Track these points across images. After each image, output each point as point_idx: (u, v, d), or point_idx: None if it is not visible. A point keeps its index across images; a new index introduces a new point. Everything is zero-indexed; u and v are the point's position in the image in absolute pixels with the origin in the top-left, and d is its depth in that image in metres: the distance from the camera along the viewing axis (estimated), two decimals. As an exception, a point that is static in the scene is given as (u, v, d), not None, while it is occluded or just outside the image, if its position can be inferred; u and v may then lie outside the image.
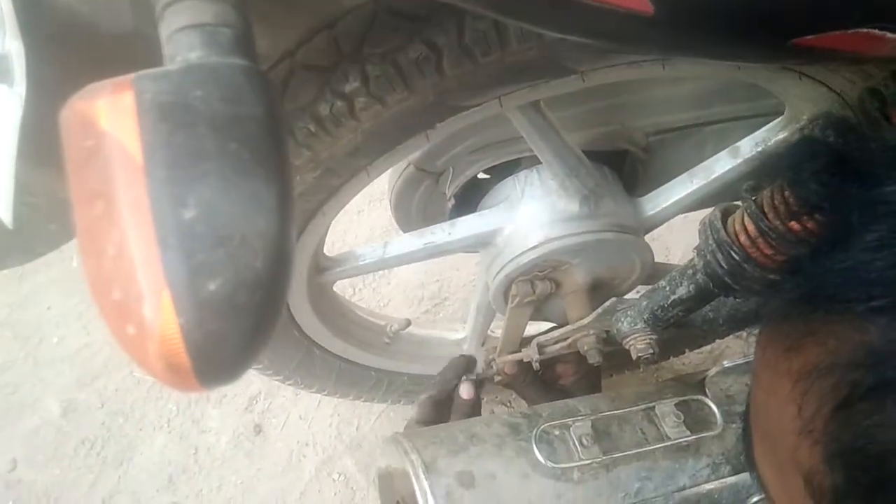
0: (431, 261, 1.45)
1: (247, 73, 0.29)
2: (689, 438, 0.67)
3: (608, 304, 0.74)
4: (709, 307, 0.73)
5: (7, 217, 0.41)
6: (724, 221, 0.60)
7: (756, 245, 0.57)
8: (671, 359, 1.18)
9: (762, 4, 0.33)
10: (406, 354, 1.06)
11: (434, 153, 0.81)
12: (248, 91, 0.28)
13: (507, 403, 1.24)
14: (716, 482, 0.70)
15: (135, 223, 0.26)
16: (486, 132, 0.79)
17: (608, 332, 0.79)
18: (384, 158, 0.61)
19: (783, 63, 0.52)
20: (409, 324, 1.04)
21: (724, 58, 0.42)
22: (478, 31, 0.49)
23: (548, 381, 0.86)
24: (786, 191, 0.54)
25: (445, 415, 0.77)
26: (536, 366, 0.82)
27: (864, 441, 0.27)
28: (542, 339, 0.81)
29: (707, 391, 0.71)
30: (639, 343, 0.72)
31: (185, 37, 0.29)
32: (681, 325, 0.75)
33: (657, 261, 0.86)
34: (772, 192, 0.55)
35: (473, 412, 0.79)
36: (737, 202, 0.62)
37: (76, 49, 0.35)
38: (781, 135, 0.72)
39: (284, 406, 1.27)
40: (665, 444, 0.67)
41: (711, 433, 0.68)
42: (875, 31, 0.32)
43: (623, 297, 0.75)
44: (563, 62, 0.52)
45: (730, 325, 0.75)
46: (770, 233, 0.55)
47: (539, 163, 0.80)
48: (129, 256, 0.26)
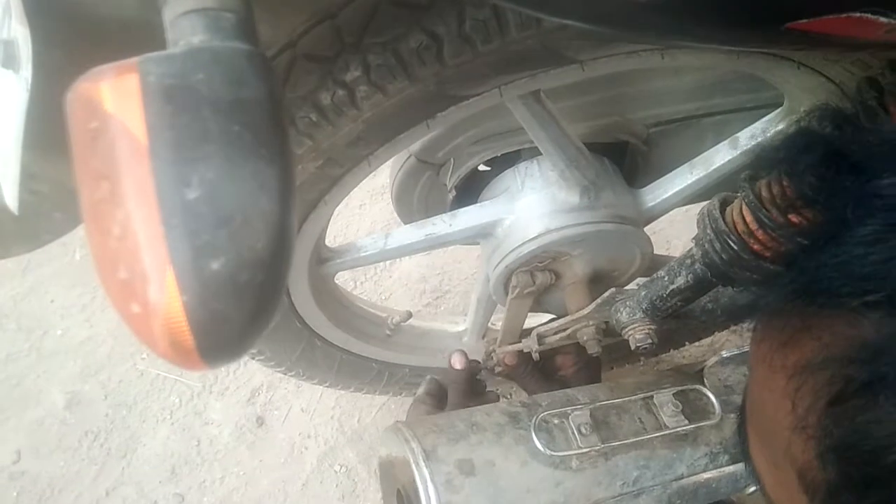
0: (433, 254, 1.47)
1: (249, 57, 0.29)
2: (688, 428, 0.68)
3: (607, 295, 0.75)
4: (707, 298, 0.74)
5: (13, 203, 0.41)
6: (723, 211, 0.61)
7: (753, 235, 0.58)
8: (671, 352, 1.18)
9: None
10: (407, 346, 1.07)
11: (435, 145, 0.81)
12: (250, 75, 0.29)
13: (508, 396, 1.25)
14: (714, 471, 0.70)
15: (139, 203, 0.27)
16: (487, 123, 0.79)
17: (607, 323, 0.79)
18: (385, 148, 0.61)
19: (779, 48, 0.53)
20: (411, 316, 1.04)
21: (719, 42, 0.42)
22: (478, 20, 0.49)
23: (548, 373, 0.87)
24: (784, 181, 0.54)
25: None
26: (536, 356, 0.82)
27: (858, 437, 0.27)
28: (542, 330, 0.82)
29: (705, 381, 0.72)
30: (637, 333, 0.72)
31: (188, 21, 0.29)
32: (679, 316, 0.76)
33: (657, 253, 0.87)
34: (769, 182, 0.55)
35: (469, 388, 0.80)
36: (735, 193, 0.63)
37: (81, 34, 0.36)
38: (780, 126, 0.73)
39: (286, 398, 1.28)
40: (663, 433, 0.68)
41: (709, 422, 0.69)
42: (868, 16, 0.32)
43: (622, 288, 0.75)
44: (563, 51, 0.52)
45: (728, 316, 0.76)
46: (767, 222, 0.56)
47: (539, 154, 0.81)
48: (134, 236, 0.27)
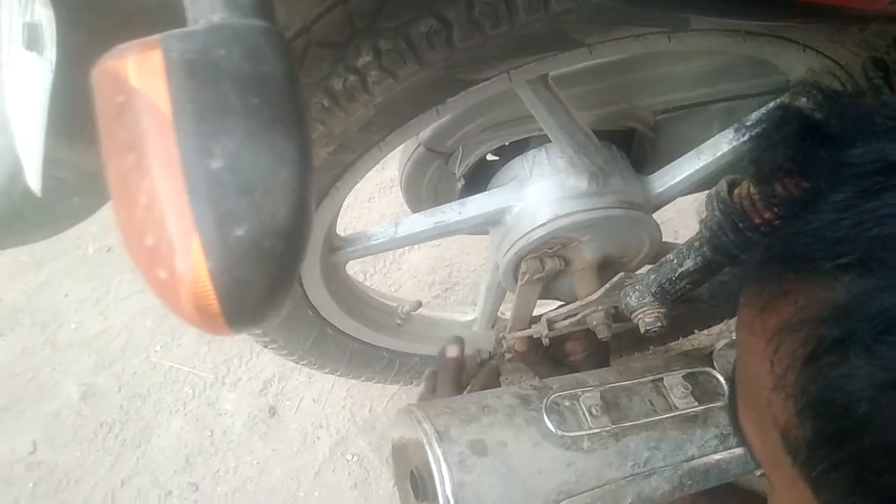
0: (442, 246, 1.47)
1: (266, 34, 0.30)
2: (698, 409, 0.69)
3: (616, 279, 0.76)
4: (716, 282, 0.74)
5: (36, 185, 0.43)
6: (730, 193, 0.61)
7: (761, 215, 0.58)
8: (680, 339, 1.19)
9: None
10: (417, 335, 1.07)
11: (444, 133, 0.82)
12: (268, 51, 0.30)
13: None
14: (724, 452, 0.71)
15: (165, 173, 0.28)
16: (495, 111, 0.80)
17: (617, 308, 0.80)
18: (396, 134, 0.62)
19: (788, 22, 0.53)
20: (420, 305, 1.05)
21: (730, 15, 0.42)
22: (487, 4, 0.50)
23: (558, 359, 0.87)
24: (751, 190, 0.55)
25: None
26: (546, 341, 0.83)
27: (831, 392, 0.28)
28: (552, 315, 0.83)
29: (715, 364, 0.72)
30: (647, 317, 0.73)
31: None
32: (688, 301, 0.76)
33: (665, 241, 0.87)
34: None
35: (458, 379, 0.81)
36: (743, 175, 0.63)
37: (104, 15, 0.37)
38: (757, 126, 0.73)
39: (298, 389, 1.29)
40: (673, 415, 0.68)
41: (719, 404, 0.69)
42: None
43: (631, 273, 0.76)
44: (571, 34, 0.53)
45: (736, 300, 0.76)
46: (775, 202, 0.56)
47: (547, 142, 0.82)
48: (160, 204, 0.28)
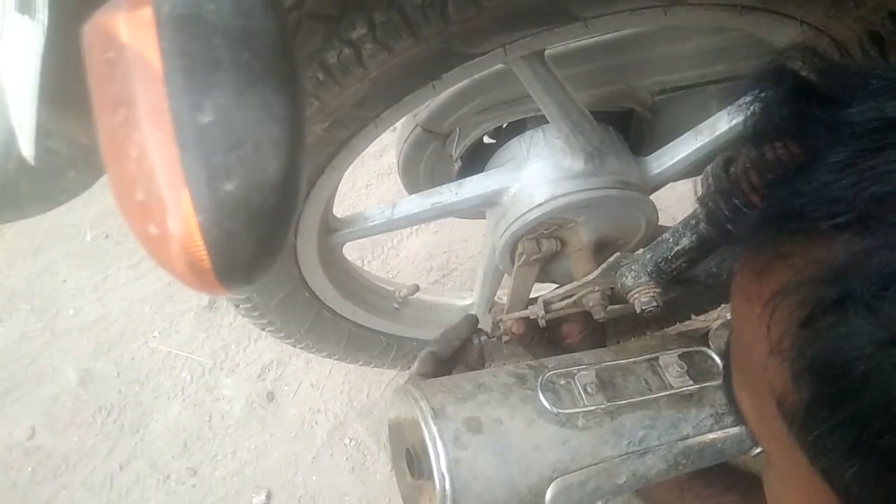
0: (439, 233, 1.47)
1: (258, -9, 0.30)
2: (692, 388, 0.69)
3: (612, 259, 0.76)
4: (712, 262, 0.74)
5: (29, 152, 0.42)
6: (726, 170, 0.61)
7: (757, 191, 0.58)
8: (677, 325, 1.19)
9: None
10: (415, 320, 1.08)
11: (441, 114, 0.82)
12: (259, 6, 0.30)
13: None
14: (719, 432, 0.71)
15: (155, 127, 0.28)
16: (492, 92, 0.80)
17: (613, 289, 0.80)
18: (392, 110, 0.62)
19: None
20: (418, 289, 1.05)
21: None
22: (482, -24, 0.50)
23: (554, 341, 0.87)
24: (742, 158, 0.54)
25: (445, 372, 0.78)
26: (543, 323, 0.83)
27: (830, 353, 0.27)
28: (549, 297, 0.83)
29: (710, 344, 0.73)
30: (643, 296, 0.73)
31: (199, -45, 0.30)
32: (684, 281, 0.76)
33: (662, 224, 0.87)
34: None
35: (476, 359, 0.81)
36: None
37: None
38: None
39: (296, 374, 1.30)
40: (668, 393, 0.68)
41: (714, 383, 0.69)
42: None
43: (627, 253, 0.76)
44: (566, 7, 0.53)
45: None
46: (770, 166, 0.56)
47: (544, 123, 0.82)
48: (150, 158, 0.28)
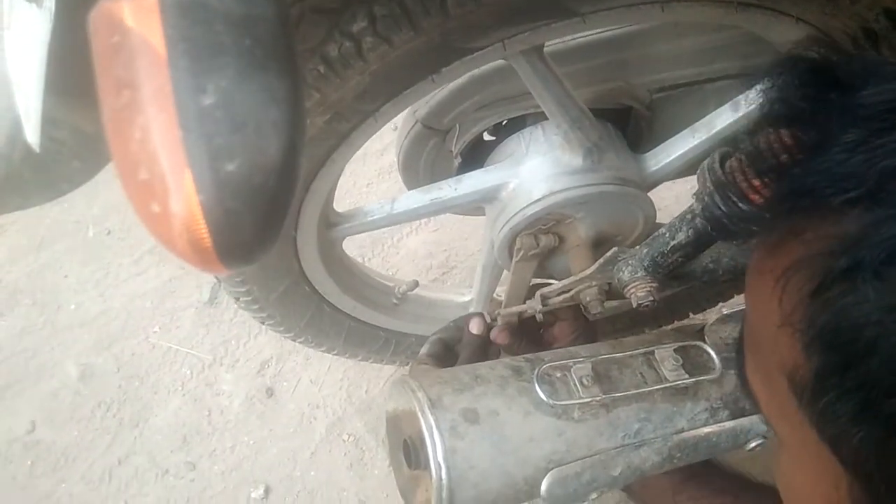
0: (439, 231, 1.48)
1: (260, -22, 0.31)
2: (688, 381, 0.69)
3: (610, 254, 0.76)
4: (709, 258, 0.75)
5: (34, 139, 0.43)
6: (722, 165, 0.62)
7: (752, 186, 0.59)
8: (674, 323, 1.20)
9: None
10: (414, 315, 1.08)
11: (441, 110, 0.83)
12: (261, -7, 0.31)
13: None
14: (714, 426, 0.72)
15: (159, 109, 0.28)
16: (491, 88, 0.80)
17: (610, 285, 0.80)
18: (392, 104, 0.63)
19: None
20: (417, 285, 1.06)
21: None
22: (481, -30, 0.51)
23: (543, 345, 0.87)
24: (782, 132, 0.55)
25: (450, 360, 0.79)
26: (540, 317, 0.83)
27: (838, 320, 0.28)
28: (546, 291, 0.83)
29: (706, 338, 0.73)
30: (639, 291, 0.73)
31: (202, -57, 0.31)
32: (681, 277, 0.77)
33: (659, 222, 0.88)
34: (768, 134, 0.57)
35: (481, 354, 0.81)
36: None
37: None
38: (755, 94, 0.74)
39: (295, 370, 1.30)
40: (664, 387, 0.69)
41: (710, 377, 0.70)
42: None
43: (625, 248, 0.76)
44: (565, 2, 0.53)
45: (730, 276, 0.77)
46: (766, 173, 0.57)
47: (543, 120, 0.82)
48: (154, 139, 0.28)
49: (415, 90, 0.62)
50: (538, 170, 0.80)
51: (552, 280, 0.93)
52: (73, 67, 0.40)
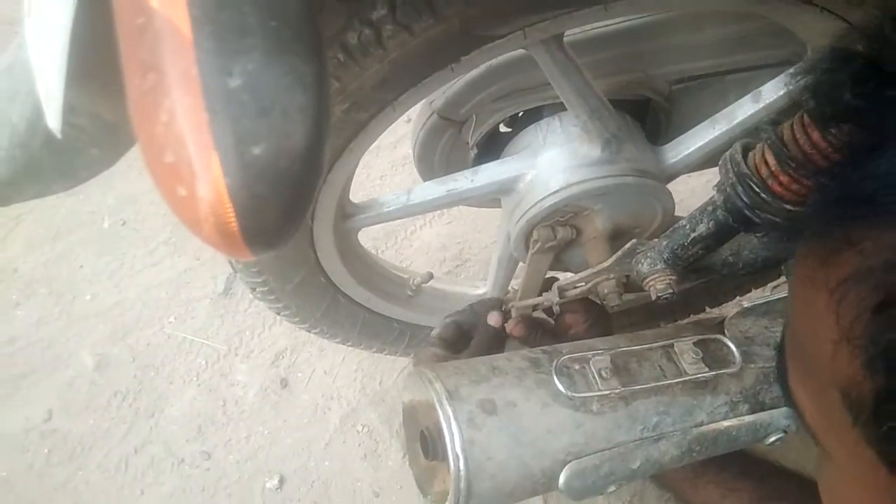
0: (453, 223, 1.48)
1: (285, -40, 0.31)
2: (707, 375, 0.68)
3: (629, 246, 0.75)
4: (728, 251, 0.74)
5: (55, 125, 0.43)
6: (745, 156, 0.61)
7: (775, 177, 0.58)
8: (691, 317, 1.19)
9: None
10: (428, 307, 1.08)
11: (457, 101, 0.82)
12: (287, -25, 0.30)
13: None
14: (733, 420, 0.71)
15: (185, 91, 0.28)
16: (509, 79, 0.80)
17: (628, 277, 0.80)
18: (410, 93, 0.62)
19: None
20: (432, 277, 1.06)
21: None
22: (503, -43, 0.50)
23: (558, 334, 0.87)
24: (806, 121, 0.54)
25: (463, 344, 0.79)
26: (557, 309, 0.83)
27: None
28: (563, 283, 0.83)
29: (726, 332, 0.72)
30: (658, 283, 0.73)
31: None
32: (700, 270, 0.76)
33: (678, 215, 0.87)
34: (792, 125, 0.56)
35: (495, 345, 0.81)
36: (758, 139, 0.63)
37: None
38: (802, 84, 0.73)
39: (310, 361, 1.31)
40: (683, 380, 0.68)
41: (729, 371, 0.69)
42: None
43: (643, 240, 0.76)
44: (587, -11, 0.53)
45: (749, 270, 0.76)
46: (790, 163, 0.56)
47: (561, 111, 0.82)
48: (180, 122, 0.28)
49: (434, 79, 0.61)
50: (556, 161, 0.79)
51: (567, 273, 0.93)
52: (95, 54, 0.39)
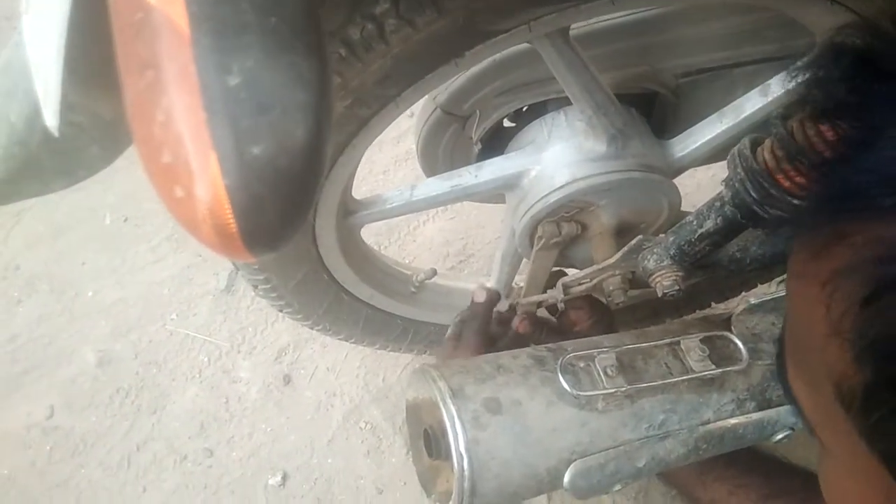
0: (456, 219, 1.47)
1: (285, -45, 0.30)
2: (714, 372, 0.68)
3: (635, 242, 0.75)
4: (736, 246, 0.73)
5: (53, 122, 0.42)
6: (753, 151, 0.60)
7: (784, 172, 0.57)
8: (696, 313, 1.18)
9: None
10: (432, 304, 1.07)
11: (461, 96, 0.81)
12: (287, -30, 0.29)
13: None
14: (740, 417, 0.70)
15: (183, 90, 0.27)
16: (513, 73, 0.79)
17: (634, 273, 0.79)
18: (413, 89, 0.61)
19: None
20: (435, 273, 1.05)
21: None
22: (508, -51, 0.49)
23: (562, 331, 0.86)
24: (808, 131, 0.53)
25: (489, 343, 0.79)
26: (562, 306, 0.82)
27: (892, 331, 0.26)
28: (568, 280, 0.82)
29: (733, 328, 0.71)
30: (665, 280, 0.72)
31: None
32: (707, 266, 0.75)
33: (683, 209, 0.86)
34: (802, 119, 0.55)
35: (486, 327, 0.81)
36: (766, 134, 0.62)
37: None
38: (801, 82, 0.72)
39: (312, 358, 1.30)
40: (689, 377, 0.67)
41: (736, 368, 0.68)
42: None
43: (649, 236, 0.75)
44: (593, -18, 0.52)
45: (756, 266, 0.75)
46: (799, 158, 0.55)
47: (566, 106, 0.81)
48: (178, 121, 0.27)
49: (437, 74, 0.60)
50: (561, 156, 0.78)
51: (572, 269, 0.92)
52: (93, 51, 0.39)
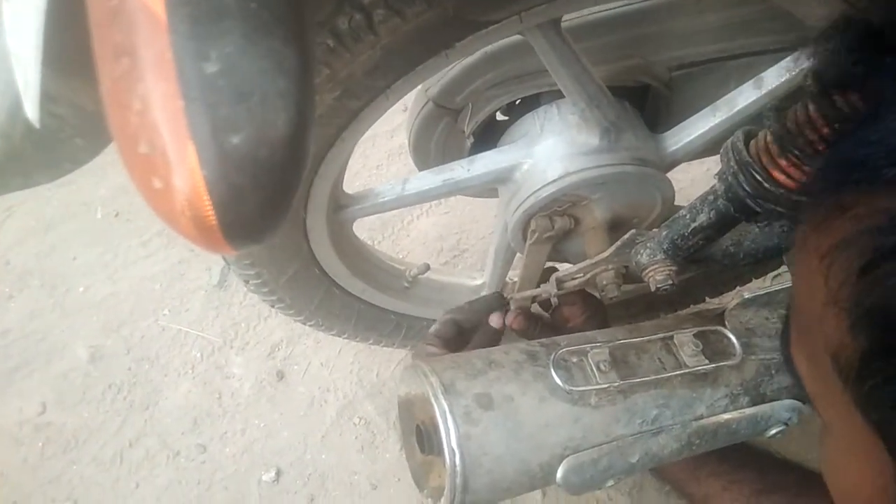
0: (450, 214, 1.46)
1: (266, -62, 0.29)
2: (708, 367, 0.67)
3: (628, 237, 0.74)
4: (729, 241, 0.73)
5: (34, 115, 0.41)
6: (746, 144, 0.60)
7: (778, 164, 0.57)
8: (691, 307, 1.18)
9: None
10: (425, 299, 1.07)
11: (453, 89, 0.80)
12: (268, -46, 0.29)
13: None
14: (734, 412, 0.70)
15: (159, 77, 0.27)
16: (505, 66, 0.78)
17: (627, 268, 0.79)
18: (403, 80, 0.61)
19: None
20: (428, 268, 1.04)
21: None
22: (498, -62, 0.48)
23: (556, 327, 0.86)
24: (810, 107, 0.53)
25: (461, 342, 0.78)
26: (555, 301, 0.82)
27: (887, 300, 0.26)
28: (561, 275, 0.81)
29: (727, 323, 0.71)
30: (658, 274, 0.72)
31: None
32: (701, 261, 0.75)
33: (677, 204, 0.86)
34: (795, 111, 0.54)
35: (496, 341, 0.80)
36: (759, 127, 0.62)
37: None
38: (807, 64, 0.71)
39: (306, 353, 1.29)
40: (683, 372, 0.67)
41: (730, 363, 0.68)
42: None
43: (643, 230, 0.74)
44: (585, -28, 0.51)
45: (750, 260, 0.75)
46: (793, 151, 0.55)
47: (558, 99, 0.80)
48: (154, 110, 0.27)
49: (427, 66, 0.60)
50: (553, 150, 0.78)
51: (566, 263, 0.91)
52: (72, 40, 0.38)
